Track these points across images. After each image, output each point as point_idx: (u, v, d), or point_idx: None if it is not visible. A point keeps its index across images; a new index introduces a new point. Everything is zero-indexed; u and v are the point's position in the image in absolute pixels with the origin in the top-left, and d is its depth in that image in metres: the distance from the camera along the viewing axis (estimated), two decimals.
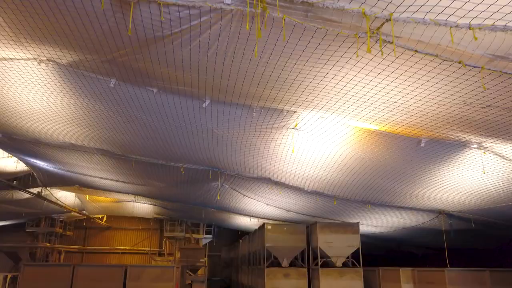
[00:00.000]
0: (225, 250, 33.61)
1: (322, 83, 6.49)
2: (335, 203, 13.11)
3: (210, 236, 32.01)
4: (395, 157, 10.09)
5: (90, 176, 16.52)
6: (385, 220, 15.54)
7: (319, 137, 9.70)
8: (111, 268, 11.22)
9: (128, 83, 8.55)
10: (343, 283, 14.70)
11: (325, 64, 5.68)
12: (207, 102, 8.81)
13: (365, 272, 15.21)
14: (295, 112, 8.77)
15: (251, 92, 7.40)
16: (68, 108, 9.94)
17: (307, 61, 5.63)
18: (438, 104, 6.21)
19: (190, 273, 23.13)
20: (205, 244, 31.91)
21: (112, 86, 8.66)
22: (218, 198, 15.13)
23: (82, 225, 34.05)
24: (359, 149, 10.02)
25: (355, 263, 15.15)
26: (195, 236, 31.37)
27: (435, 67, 5.10)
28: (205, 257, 29.09)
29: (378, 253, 26.25)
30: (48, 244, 29.22)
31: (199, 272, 25.06)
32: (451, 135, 8.33)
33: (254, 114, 9.04)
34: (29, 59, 8.15)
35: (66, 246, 31.85)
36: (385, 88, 6.09)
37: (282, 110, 8.79)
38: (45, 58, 8.12)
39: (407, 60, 5.10)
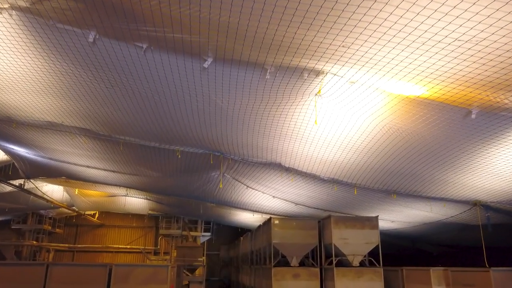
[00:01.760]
0: (224, 249, 31.83)
1: (369, 14, 4.73)
2: (355, 192, 11.37)
3: (209, 233, 30.23)
4: (435, 134, 8.36)
5: (75, 164, 14.72)
6: (408, 213, 13.81)
7: (345, 107, 7.97)
8: (92, 268, 9.39)
9: (111, 38, 6.80)
10: (361, 284, 12.98)
11: None
12: (209, 60, 7.06)
13: (385, 273, 13.48)
14: (319, 73, 7.05)
15: (269, 36, 5.64)
16: (40, 73, 8.15)
17: None
18: None
19: (187, 273, 21.46)
20: (203, 242, 30.15)
21: (92, 40, 6.90)
22: (220, 186, 13.37)
23: (72, 223, 32.24)
24: (392, 125, 8.29)
25: (374, 262, 13.43)
26: (192, 233, 29.61)
27: None
28: (203, 256, 27.40)
29: (388, 252, 24.56)
30: (34, 242, 27.35)
31: (197, 272, 23.43)
32: None
33: (268, 76, 7.29)
34: None
35: (55, 244, 29.99)
36: (461, 17, 4.35)
37: (303, 71, 7.06)
38: (7, 5, 6.40)
39: None
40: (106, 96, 8.62)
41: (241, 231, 28.50)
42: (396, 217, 14.71)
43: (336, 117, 8.20)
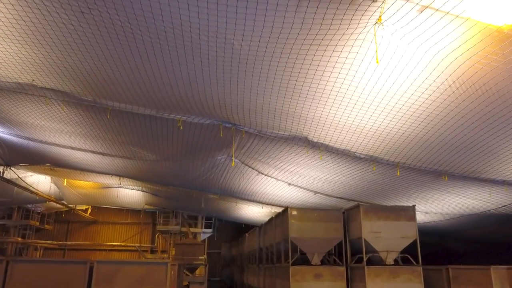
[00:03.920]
0: (225, 247, 29.66)
1: None
2: (398, 173, 9.26)
3: (210, 230, 28.06)
4: None
5: (57, 145, 12.55)
6: (451, 202, 11.70)
7: (408, 47, 5.86)
8: (67, 265, 7.21)
9: None
10: (397, 286, 10.88)
11: None
12: None
13: (425, 272, 11.40)
14: None
15: None
16: None
17: None
18: None
19: (187, 272, 19.34)
20: (204, 240, 27.97)
21: None
22: (233, 164, 11.22)
23: (63, 218, 30.03)
24: (468, 75, 6.18)
25: (411, 259, 11.33)
26: (192, 230, 27.45)
27: None
28: (204, 254, 25.25)
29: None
30: (19, 239, 25.10)
31: (197, 271, 21.32)
32: None
33: None
34: None
35: (42, 241, 27.72)
36: None
37: None
38: None
39: None
40: (88, 39, 6.47)
41: (245, 227, 26.33)
42: (434, 207, 12.61)
43: (395, 62, 6.08)
